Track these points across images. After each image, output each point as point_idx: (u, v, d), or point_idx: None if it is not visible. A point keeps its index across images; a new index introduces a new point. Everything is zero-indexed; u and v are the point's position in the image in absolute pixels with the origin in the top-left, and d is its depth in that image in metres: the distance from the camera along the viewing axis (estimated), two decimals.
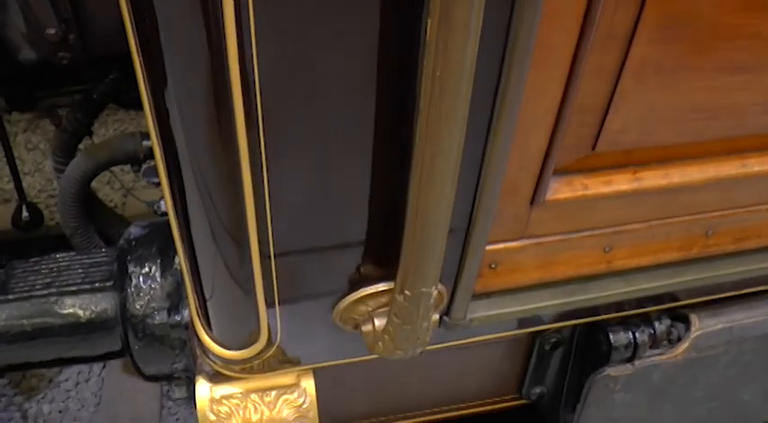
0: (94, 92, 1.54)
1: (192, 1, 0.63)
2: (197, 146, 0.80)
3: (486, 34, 0.64)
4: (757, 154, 1.01)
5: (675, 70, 0.85)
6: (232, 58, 0.66)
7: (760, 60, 0.87)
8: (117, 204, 2.50)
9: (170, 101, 0.75)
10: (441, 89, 0.59)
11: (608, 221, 1.02)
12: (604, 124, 0.87)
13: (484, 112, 0.77)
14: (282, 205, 0.84)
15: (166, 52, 0.69)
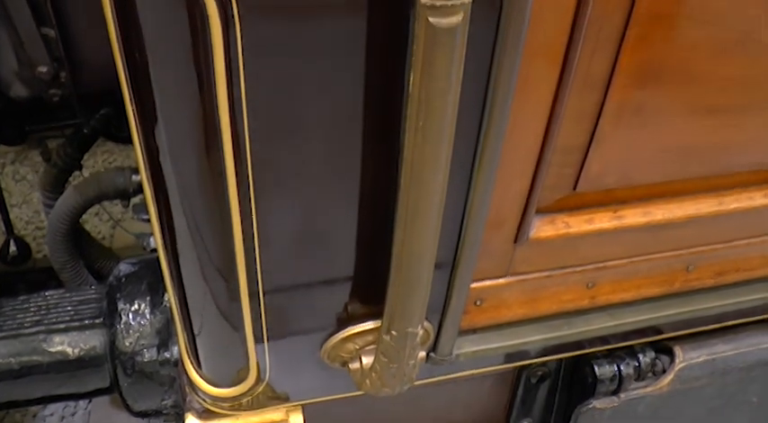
0: (85, 127, 1.56)
1: (183, 43, 0.65)
2: (186, 183, 0.81)
3: (468, 81, 0.67)
4: (733, 191, 1.04)
5: (653, 113, 0.87)
6: (222, 98, 0.68)
7: (733, 103, 0.90)
8: (105, 236, 2.51)
9: (160, 138, 0.76)
10: (423, 138, 0.61)
11: (591, 258, 1.05)
12: (584, 166, 0.89)
13: (467, 155, 0.79)
14: (271, 243, 0.85)
15: (157, 91, 0.70)
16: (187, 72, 0.68)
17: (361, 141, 0.76)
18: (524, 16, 0.66)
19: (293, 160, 0.78)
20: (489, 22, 0.65)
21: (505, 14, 0.66)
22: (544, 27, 0.73)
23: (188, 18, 0.63)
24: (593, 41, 0.78)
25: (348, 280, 0.93)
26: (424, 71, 0.58)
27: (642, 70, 0.82)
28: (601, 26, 0.77)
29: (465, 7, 0.56)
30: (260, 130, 0.73)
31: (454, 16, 0.56)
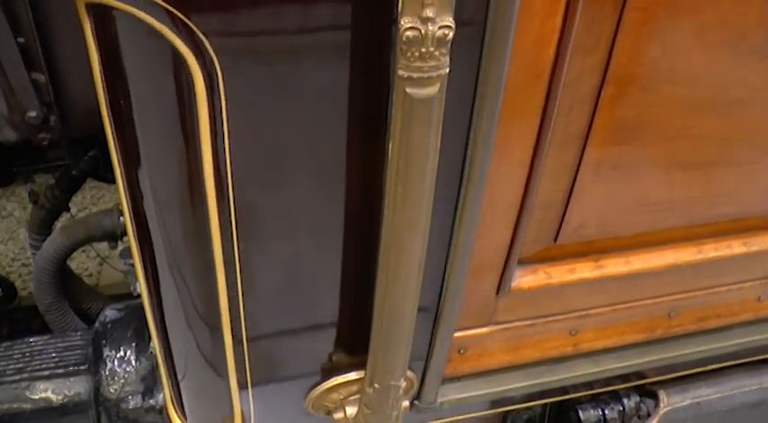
0: (73, 169, 1.57)
1: (167, 94, 0.66)
2: (170, 230, 0.82)
3: (448, 141, 0.69)
4: (712, 240, 1.06)
5: (630, 168, 0.90)
6: (205, 148, 0.69)
7: (708, 158, 0.93)
8: (92, 273, 2.51)
9: (144, 185, 0.78)
10: (403, 203, 0.63)
11: (573, 306, 1.06)
12: (565, 219, 0.91)
13: (448, 211, 0.81)
14: (255, 291, 0.86)
15: (141, 139, 0.71)
16: (172, 122, 0.69)
17: (344, 193, 0.78)
18: (501, 81, 0.68)
19: (277, 210, 0.79)
20: (467, 87, 0.68)
21: (483, 79, 0.68)
22: (521, 89, 0.76)
23: (174, 77, 0.65)
24: (570, 101, 0.80)
25: (332, 329, 0.94)
26: (402, 139, 0.60)
27: (618, 128, 0.85)
28: (577, 87, 0.79)
29: (441, 78, 0.58)
30: (244, 180, 0.74)
31: (431, 87, 0.58)
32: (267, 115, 0.69)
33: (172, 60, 0.62)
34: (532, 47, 0.73)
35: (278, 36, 0.62)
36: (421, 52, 0.56)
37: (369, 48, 0.62)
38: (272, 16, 0.60)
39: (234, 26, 0.61)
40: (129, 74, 0.65)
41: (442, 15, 0.56)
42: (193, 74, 0.62)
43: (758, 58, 0.84)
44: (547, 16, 0.72)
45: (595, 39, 0.76)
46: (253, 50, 0.62)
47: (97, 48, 0.65)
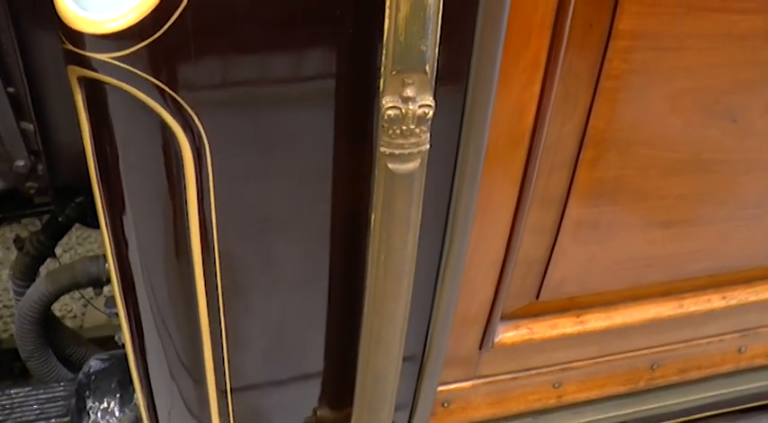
0: (60, 216, 1.57)
1: (155, 163, 0.68)
2: (155, 281, 0.84)
3: (430, 206, 0.71)
4: (692, 295, 1.09)
5: (610, 227, 0.92)
6: (192, 209, 0.71)
7: (686, 217, 0.95)
8: (77, 314, 2.49)
9: (130, 236, 0.79)
10: (385, 272, 0.65)
11: (556, 360, 1.08)
12: (546, 276, 0.94)
13: (431, 269, 0.83)
14: (239, 343, 0.87)
15: (128, 199, 0.73)
16: (160, 186, 0.70)
17: (328, 250, 0.80)
18: (481, 149, 0.71)
19: (262, 264, 0.81)
20: (448, 155, 0.70)
21: (464, 147, 0.71)
22: (502, 154, 0.79)
23: (162, 148, 0.67)
24: (550, 165, 0.83)
25: (317, 382, 0.95)
26: (384, 212, 0.62)
27: (597, 189, 0.87)
28: (556, 151, 0.82)
29: (422, 154, 0.61)
30: (228, 236, 0.76)
31: (412, 162, 0.61)
32: (253, 181, 0.71)
33: (161, 133, 0.64)
34: (512, 115, 0.76)
35: (265, 113, 0.64)
36: (402, 130, 0.59)
37: (353, 125, 0.65)
38: (260, 96, 0.63)
39: (222, 103, 0.63)
40: (119, 143, 0.67)
41: (422, 95, 0.58)
42: (182, 146, 0.64)
43: (730, 121, 0.87)
44: (525, 86, 0.75)
45: (573, 106, 0.79)
46: (240, 126, 0.65)
47: (87, 117, 0.67)
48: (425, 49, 0.56)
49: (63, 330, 1.74)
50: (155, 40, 0.59)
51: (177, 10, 0.59)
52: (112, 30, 0.59)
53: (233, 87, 0.63)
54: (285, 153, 0.68)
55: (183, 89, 0.61)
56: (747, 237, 1.02)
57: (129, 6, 0.59)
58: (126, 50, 0.60)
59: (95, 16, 0.60)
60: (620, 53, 0.77)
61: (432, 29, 0.56)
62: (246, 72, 0.63)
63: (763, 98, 0.86)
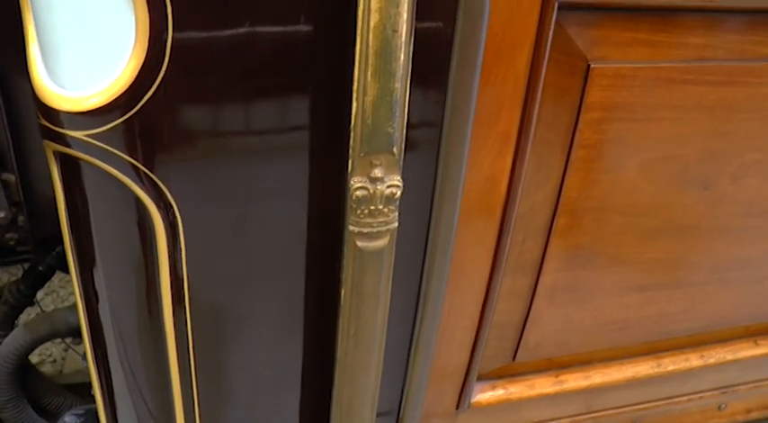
0: (40, 265, 1.57)
1: (128, 233, 0.69)
2: (125, 336, 0.84)
3: (402, 275, 0.72)
4: (670, 354, 1.10)
5: (585, 291, 0.94)
6: (163, 265, 0.71)
7: (660, 279, 0.97)
8: (57, 359, 2.47)
9: (100, 287, 0.79)
10: (355, 344, 0.66)
11: (534, 418, 1.08)
12: (522, 339, 0.94)
13: (405, 333, 0.84)
14: (210, 398, 0.88)
15: (99, 258, 0.73)
16: (131, 250, 0.71)
17: (302, 310, 0.80)
18: (452, 222, 0.72)
19: (234, 321, 0.81)
20: (420, 230, 0.72)
21: (435, 220, 0.72)
22: (476, 223, 0.80)
23: (136, 223, 0.68)
24: (523, 233, 0.85)
25: None
26: (354, 288, 0.63)
27: (572, 255, 0.89)
28: (529, 219, 0.84)
29: (391, 231, 0.62)
30: (201, 294, 0.76)
31: (381, 240, 0.62)
32: (226, 249, 0.72)
33: (134, 207, 0.65)
34: (484, 185, 0.78)
35: (238, 189, 0.66)
36: (370, 209, 0.60)
37: (321, 202, 0.66)
38: (235, 172, 0.65)
39: (196, 179, 0.65)
40: (92, 213, 0.68)
41: (390, 175, 0.60)
42: (155, 220, 0.65)
43: (701, 189, 0.89)
44: (497, 157, 0.77)
45: (546, 175, 0.81)
46: (213, 201, 0.66)
47: (62, 188, 0.68)
48: (392, 131, 0.58)
49: (40, 380, 1.72)
50: (129, 118, 0.61)
51: (152, 87, 0.61)
52: (88, 107, 0.61)
53: (207, 164, 0.64)
54: (258, 224, 0.70)
55: (156, 166, 0.63)
56: (723, 298, 1.04)
57: (104, 84, 0.61)
58: (101, 128, 0.61)
59: (71, 93, 0.61)
60: (592, 124, 0.79)
61: (399, 111, 0.58)
62: (221, 149, 0.64)
63: (733, 166, 0.88)
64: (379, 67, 0.55)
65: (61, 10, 0.59)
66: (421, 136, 0.65)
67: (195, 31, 0.59)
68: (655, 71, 0.78)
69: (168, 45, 0.59)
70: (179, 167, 0.64)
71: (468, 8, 0.61)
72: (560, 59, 0.74)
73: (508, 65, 0.72)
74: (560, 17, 0.72)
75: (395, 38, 0.54)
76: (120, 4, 0.58)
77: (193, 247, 0.69)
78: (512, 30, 0.71)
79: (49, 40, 0.61)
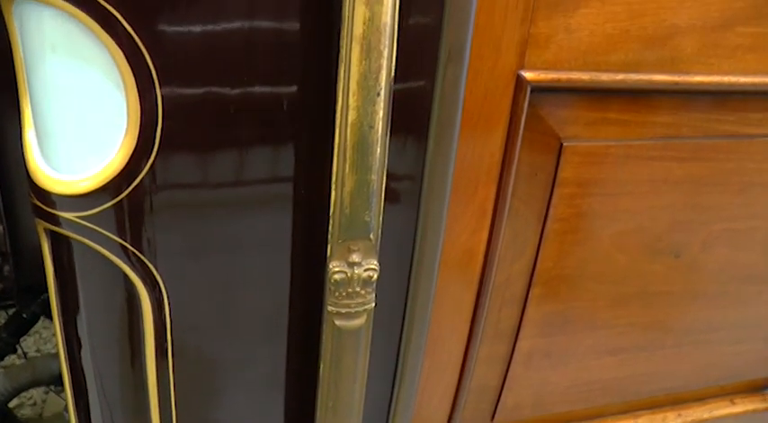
0: (24, 312, 1.60)
1: (114, 307, 0.73)
2: (107, 387, 0.86)
3: (379, 349, 0.76)
4: (647, 413, 1.13)
5: (562, 355, 0.98)
6: (149, 331, 0.74)
7: (635, 342, 1.01)
8: (37, 402, 2.48)
9: (82, 334, 0.82)
10: (334, 415, 0.70)
11: None
12: (500, 401, 0.98)
13: (383, 400, 0.87)
14: None
15: (84, 314, 0.76)
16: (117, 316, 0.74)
17: (284, 380, 0.84)
18: (428, 300, 0.76)
19: (218, 377, 0.84)
20: (397, 307, 0.76)
21: (412, 298, 0.76)
22: (452, 294, 0.84)
23: (125, 300, 0.72)
24: (500, 301, 0.89)
25: None
26: (332, 364, 0.67)
27: (548, 321, 0.93)
28: (506, 288, 0.88)
29: (368, 311, 0.66)
30: (185, 352, 0.79)
31: (358, 319, 0.66)
32: (212, 321, 0.76)
33: (123, 284, 0.69)
34: (461, 258, 0.82)
35: (226, 268, 0.70)
36: (348, 292, 0.64)
37: (303, 286, 0.71)
38: (222, 251, 0.69)
39: (185, 259, 0.69)
40: (81, 287, 0.72)
41: (368, 259, 0.64)
42: (142, 297, 0.69)
43: (672, 257, 0.94)
44: (474, 231, 0.81)
45: (521, 247, 0.86)
46: (201, 280, 0.70)
47: (52, 262, 0.72)
48: (369, 219, 0.62)
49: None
50: (119, 201, 0.65)
51: (142, 172, 0.65)
52: (79, 191, 0.65)
53: (194, 243, 0.68)
54: (244, 298, 0.73)
55: (145, 247, 0.67)
56: (699, 359, 1.08)
57: (97, 169, 0.65)
58: (91, 210, 0.65)
59: (64, 177, 0.65)
60: (565, 199, 0.84)
61: (375, 201, 0.62)
62: (208, 227, 0.68)
63: (702, 236, 0.93)
64: (357, 160, 0.59)
65: (57, 99, 0.63)
66: (397, 222, 0.69)
67: (185, 121, 0.64)
68: (625, 149, 0.83)
69: (158, 133, 0.64)
70: (167, 247, 0.67)
71: (442, 105, 0.66)
72: (534, 138, 0.79)
73: (484, 144, 0.77)
74: (533, 99, 0.76)
75: (371, 133, 0.59)
76: (114, 95, 0.62)
77: (179, 316, 0.73)
78: (487, 111, 0.76)
79: (44, 125, 0.65)
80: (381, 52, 0.57)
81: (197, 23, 0.60)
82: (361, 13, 0.56)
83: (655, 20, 0.76)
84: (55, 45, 0.62)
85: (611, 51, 0.77)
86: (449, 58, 0.66)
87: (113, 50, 0.60)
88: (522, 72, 0.74)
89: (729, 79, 0.81)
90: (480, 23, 0.71)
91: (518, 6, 0.72)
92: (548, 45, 0.75)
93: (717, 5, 0.78)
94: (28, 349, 2.46)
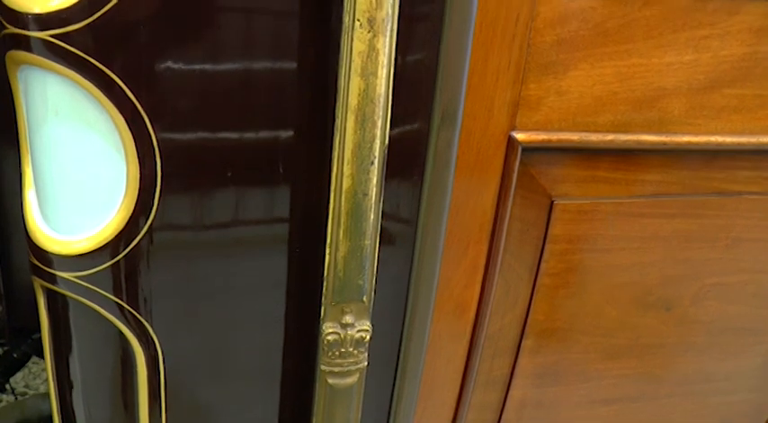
0: (15, 352, 1.61)
1: (109, 362, 0.75)
2: None
3: (371, 404, 0.78)
4: None
5: (553, 405, 0.99)
6: (142, 383, 0.76)
7: (627, 393, 1.03)
8: None
9: (75, 378, 0.83)
10: None
11: None
12: None
13: None
14: None
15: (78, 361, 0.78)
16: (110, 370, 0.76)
17: None
18: (422, 349, 0.78)
19: (209, 418, 0.85)
20: (389, 366, 0.78)
21: (404, 355, 0.78)
22: (446, 346, 0.86)
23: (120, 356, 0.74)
24: (492, 351, 0.91)
25: None
26: (324, 421, 0.69)
27: (540, 372, 0.95)
28: (498, 339, 0.90)
29: (360, 370, 0.68)
30: (178, 403, 0.81)
31: (350, 378, 0.68)
32: (205, 374, 0.77)
33: (118, 340, 0.71)
34: (453, 312, 0.84)
35: (219, 317, 0.72)
36: (341, 352, 0.66)
37: (296, 342, 0.73)
38: (218, 308, 0.71)
39: (178, 318, 0.71)
40: (76, 342, 0.73)
41: (361, 320, 0.66)
42: (136, 353, 0.71)
43: (663, 311, 0.96)
44: (466, 286, 0.83)
45: (513, 300, 0.88)
46: (194, 335, 0.72)
47: (48, 318, 0.74)
48: (363, 282, 0.64)
49: None
50: (116, 262, 0.67)
51: (139, 234, 0.67)
52: (77, 251, 0.67)
53: (190, 302, 0.70)
54: (238, 353, 0.75)
55: (141, 306, 0.69)
56: (691, 409, 1.10)
57: (95, 230, 0.67)
58: (89, 270, 0.67)
59: (63, 237, 0.68)
60: (556, 255, 0.86)
61: (368, 265, 0.64)
62: (204, 285, 0.71)
63: (692, 290, 0.95)
64: (351, 226, 0.62)
65: (58, 161, 0.66)
66: (389, 284, 0.72)
67: (184, 184, 0.66)
68: (614, 206, 0.85)
69: (157, 195, 0.66)
70: (162, 306, 0.69)
71: (435, 166, 0.68)
72: (525, 196, 0.82)
73: (476, 201, 0.80)
74: (524, 157, 0.79)
75: (365, 201, 0.61)
76: (114, 158, 0.65)
77: (173, 369, 0.75)
78: (479, 169, 0.78)
79: (44, 185, 0.68)
80: (375, 122, 0.60)
81: (198, 93, 0.63)
82: (357, 85, 0.59)
83: (643, 82, 0.79)
84: (57, 109, 0.64)
85: (600, 112, 0.79)
86: (442, 122, 0.69)
87: (115, 116, 0.63)
88: (514, 133, 0.77)
89: (716, 139, 0.84)
90: (473, 85, 0.74)
91: (510, 69, 0.75)
92: (539, 107, 0.77)
93: (702, 68, 0.81)
94: (16, 385, 2.45)
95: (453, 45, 0.67)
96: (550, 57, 0.76)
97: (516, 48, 0.74)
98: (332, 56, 0.60)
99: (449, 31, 0.66)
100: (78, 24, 0.60)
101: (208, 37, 0.61)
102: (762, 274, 0.99)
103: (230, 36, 0.61)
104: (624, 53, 0.78)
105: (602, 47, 0.77)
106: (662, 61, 0.79)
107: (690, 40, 0.79)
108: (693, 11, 0.78)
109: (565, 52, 0.76)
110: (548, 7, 0.74)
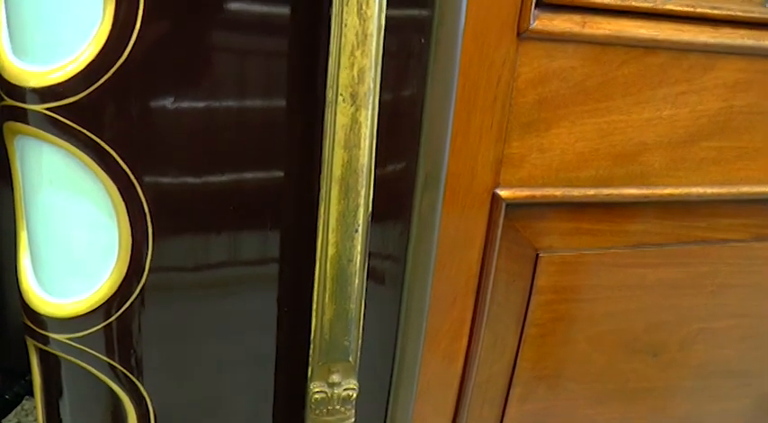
0: (7, 393, 1.63)
1: (99, 405, 0.77)
2: None
3: None
4: None
5: None
6: None
7: None
8: None
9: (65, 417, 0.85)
10: None
11: None
12: None
13: None
14: None
15: None
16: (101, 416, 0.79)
17: None
18: (410, 404, 0.81)
19: None
20: (379, 408, 0.80)
21: (393, 400, 0.81)
22: (434, 394, 0.89)
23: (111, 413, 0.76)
24: (481, 399, 0.93)
25: None
26: None
27: (528, 419, 0.97)
28: (486, 388, 0.93)
29: None
30: None
31: None
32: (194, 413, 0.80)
33: (110, 398, 0.74)
34: (441, 363, 0.87)
35: (209, 371, 0.75)
36: (328, 409, 0.69)
37: (286, 400, 0.75)
38: (208, 363, 0.73)
39: (169, 376, 0.73)
40: (67, 399, 0.76)
41: (347, 379, 0.69)
42: (128, 411, 0.73)
43: (650, 356, 0.99)
44: (453, 339, 0.86)
45: (501, 350, 0.91)
46: (185, 391, 0.75)
47: (40, 377, 0.76)
48: (348, 343, 0.67)
49: None
50: (110, 323, 0.70)
51: (131, 297, 0.70)
52: (70, 314, 0.70)
53: (183, 361, 0.73)
54: (229, 408, 0.78)
55: (134, 366, 0.71)
56: None
57: (87, 293, 0.70)
58: (81, 332, 0.70)
59: (56, 300, 0.70)
60: (542, 305, 0.89)
61: (354, 327, 0.67)
62: (195, 342, 0.73)
63: (678, 336, 0.98)
64: (336, 290, 0.65)
65: (52, 227, 0.69)
66: (375, 347, 0.75)
67: (175, 250, 0.69)
68: (598, 257, 0.88)
69: (148, 259, 0.69)
70: (154, 365, 0.72)
71: (420, 228, 0.72)
72: (511, 249, 0.85)
73: (461, 257, 0.83)
74: (509, 213, 0.82)
75: (350, 266, 0.64)
76: (106, 225, 0.68)
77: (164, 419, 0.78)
78: (464, 226, 0.82)
79: (38, 250, 0.71)
80: (359, 192, 0.63)
81: (189, 161, 0.66)
82: (340, 157, 0.62)
83: (623, 138, 0.83)
84: (52, 178, 0.67)
85: (582, 168, 0.83)
86: (425, 186, 0.72)
87: (108, 185, 0.66)
88: (498, 190, 0.80)
89: (697, 190, 0.88)
90: (456, 146, 0.77)
91: (492, 128, 0.78)
92: (522, 164, 0.81)
93: (682, 123, 0.84)
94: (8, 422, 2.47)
95: (436, 111, 0.70)
96: (532, 115, 0.79)
97: (498, 108, 0.77)
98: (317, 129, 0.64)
99: (431, 98, 0.69)
100: (73, 98, 0.63)
101: (200, 108, 0.64)
102: (748, 318, 1.02)
103: (221, 113, 0.64)
104: (604, 110, 0.81)
105: (582, 105, 0.80)
106: (641, 117, 0.83)
107: (668, 96, 0.82)
108: (670, 68, 0.81)
109: (546, 111, 0.79)
110: (528, 68, 0.77)
